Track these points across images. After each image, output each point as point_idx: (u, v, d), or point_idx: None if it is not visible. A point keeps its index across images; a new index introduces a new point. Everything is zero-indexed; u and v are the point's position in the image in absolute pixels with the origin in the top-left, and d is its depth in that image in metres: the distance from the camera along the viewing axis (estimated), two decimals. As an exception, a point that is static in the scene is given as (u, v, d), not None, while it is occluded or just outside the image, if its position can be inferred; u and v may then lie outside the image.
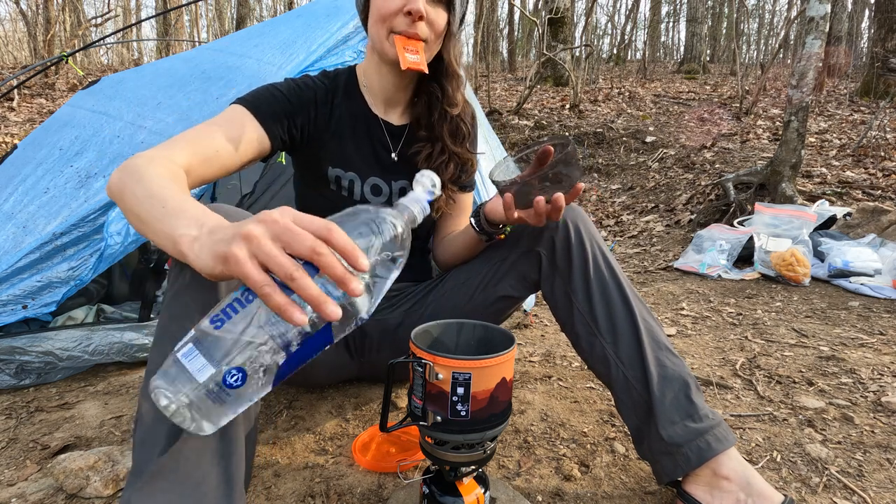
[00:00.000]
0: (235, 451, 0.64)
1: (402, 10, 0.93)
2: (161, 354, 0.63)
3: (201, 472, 0.61)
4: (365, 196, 1.07)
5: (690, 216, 3.55)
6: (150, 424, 0.61)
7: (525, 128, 5.65)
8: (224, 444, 0.63)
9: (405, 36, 0.94)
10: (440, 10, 0.97)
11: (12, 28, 14.01)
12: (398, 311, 1.11)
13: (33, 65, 5.49)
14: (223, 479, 0.62)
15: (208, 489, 0.60)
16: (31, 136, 1.85)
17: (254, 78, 1.60)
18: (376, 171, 1.08)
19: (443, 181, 1.08)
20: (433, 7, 0.96)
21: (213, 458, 0.62)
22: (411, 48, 0.94)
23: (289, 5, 11.00)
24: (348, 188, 1.06)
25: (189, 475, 0.60)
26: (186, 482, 0.60)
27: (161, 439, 0.60)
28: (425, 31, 0.95)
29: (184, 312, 0.65)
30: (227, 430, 0.64)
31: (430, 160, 1.07)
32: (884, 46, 5.70)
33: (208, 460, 0.62)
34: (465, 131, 1.09)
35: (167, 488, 0.59)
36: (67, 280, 1.36)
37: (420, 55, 0.94)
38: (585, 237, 0.92)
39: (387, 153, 1.09)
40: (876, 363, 1.41)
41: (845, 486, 0.93)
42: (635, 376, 0.87)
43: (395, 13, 0.93)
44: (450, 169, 1.09)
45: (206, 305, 0.57)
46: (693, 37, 11.53)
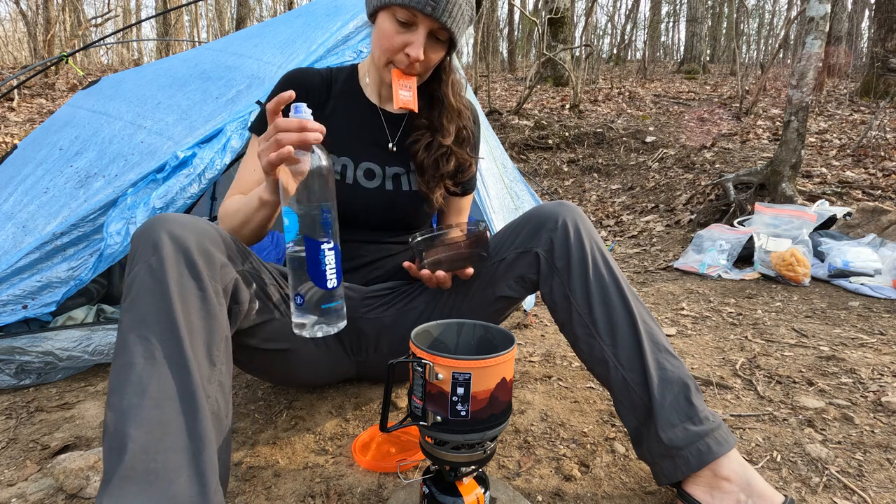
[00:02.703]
0: (206, 447, 0.64)
1: (402, 50, 0.97)
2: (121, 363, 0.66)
3: (171, 472, 0.61)
4: (358, 180, 1.08)
5: (690, 216, 3.55)
6: (114, 431, 0.62)
7: (525, 128, 5.65)
8: (192, 441, 0.64)
9: (401, 72, 0.99)
10: (440, 49, 1.01)
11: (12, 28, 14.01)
12: (393, 309, 1.11)
13: (33, 65, 5.49)
14: (195, 476, 0.62)
15: (180, 488, 0.61)
16: (31, 136, 1.85)
17: (254, 78, 1.60)
18: (371, 155, 1.09)
19: (442, 172, 1.10)
20: (433, 46, 0.99)
21: (183, 457, 0.62)
22: (405, 84, 0.99)
23: (289, 5, 11.00)
24: (340, 172, 1.07)
25: (158, 476, 0.60)
26: (157, 483, 0.60)
27: (126, 444, 0.60)
28: (419, 70, 1.01)
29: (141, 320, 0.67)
30: (194, 428, 0.64)
31: (429, 150, 1.09)
32: (884, 46, 5.70)
33: (178, 459, 0.62)
34: (465, 136, 1.13)
35: (137, 491, 0.59)
36: (67, 280, 1.36)
37: (412, 91, 0.99)
38: (584, 237, 0.92)
39: (384, 140, 1.11)
40: (876, 363, 1.41)
41: (845, 486, 0.93)
42: (634, 378, 0.87)
43: (396, 50, 0.97)
44: (450, 162, 1.10)
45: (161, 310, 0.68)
46: (693, 37, 11.53)
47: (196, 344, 0.69)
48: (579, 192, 4.68)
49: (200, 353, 0.69)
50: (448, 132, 1.09)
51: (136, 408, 0.62)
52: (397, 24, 0.96)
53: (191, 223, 0.75)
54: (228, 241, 0.81)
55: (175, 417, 0.64)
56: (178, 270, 0.70)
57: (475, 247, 0.95)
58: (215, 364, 0.72)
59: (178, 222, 0.74)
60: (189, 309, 0.69)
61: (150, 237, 0.71)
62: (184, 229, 0.73)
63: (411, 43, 0.96)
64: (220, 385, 0.72)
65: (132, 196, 1.36)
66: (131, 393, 0.63)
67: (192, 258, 0.72)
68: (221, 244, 0.79)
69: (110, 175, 1.44)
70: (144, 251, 0.71)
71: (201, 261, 0.73)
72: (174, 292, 0.68)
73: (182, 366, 0.66)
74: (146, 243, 0.71)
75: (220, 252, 0.77)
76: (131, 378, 0.64)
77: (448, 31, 0.97)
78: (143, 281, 0.69)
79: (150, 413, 0.62)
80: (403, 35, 0.96)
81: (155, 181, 1.38)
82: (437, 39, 0.99)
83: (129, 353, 0.65)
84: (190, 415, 0.65)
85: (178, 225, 0.73)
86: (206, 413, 0.66)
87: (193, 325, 0.69)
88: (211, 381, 0.70)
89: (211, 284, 0.73)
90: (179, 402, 0.65)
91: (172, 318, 0.67)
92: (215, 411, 0.69)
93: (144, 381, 0.64)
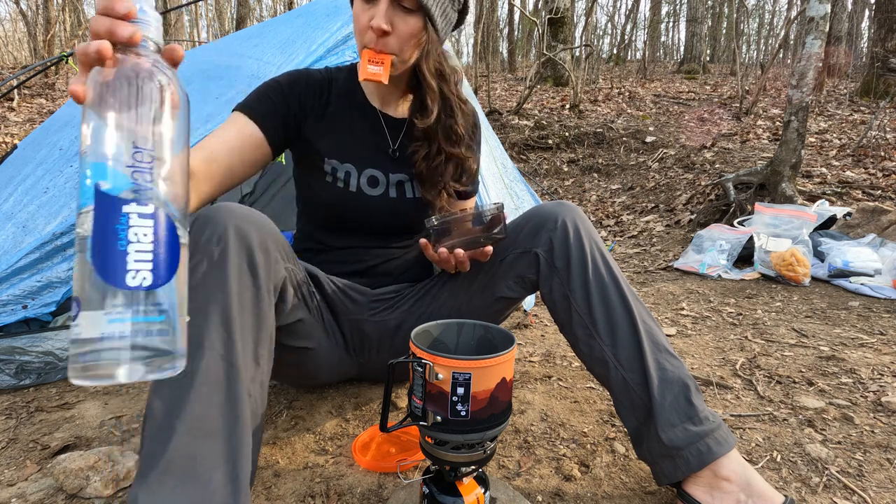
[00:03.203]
0: (242, 449, 0.64)
1: (370, 28, 0.92)
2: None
3: (209, 472, 0.61)
4: (361, 188, 1.06)
5: (690, 216, 3.55)
6: (161, 422, 0.62)
7: (525, 128, 5.65)
8: (231, 442, 0.64)
9: (374, 51, 0.93)
10: (411, 19, 0.93)
11: (12, 28, 14.01)
12: (397, 312, 1.11)
13: (33, 65, 5.49)
14: (230, 478, 0.62)
15: (215, 488, 0.61)
16: (31, 136, 1.85)
17: (254, 78, 1.60)
18: (374, 162, 1.07)
19: (444, 181, 1.08)
20: (402, 17, 0.92)
21: (222, 458, 0.62)
22: (376, 61, 0.93)
23: (289, 5, 11.00)
24: (344, 180, 1.05)
25: (197, 474, 0.60)
26: (195, 481, 0.60)
27: (171, 437, 0.60)
28: (393, 45, 0.93)
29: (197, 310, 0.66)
30: (234, 428, 0.64)
31: (427, 160, 1.07)
32: (884, 46, 5.70)
33: (217, 460, 0.62)
34: (458, 133, 1.07)
35: (175, 486, 0.59)
36: (67, 280, 1.36)
37: (383, 66, 0.93)
38: (584, 237, 0.92)
39: (386, 146, 1.09)
40: (876, 363, 1.41)
41: (845, 486, 0.93)
42: (634, 379, 0.86)
43: (365, 29, 0.93)
44: (448, 169, 1.08)
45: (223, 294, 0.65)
46: (693, 37, 11.52)
47: (245, 342, 0.69)
48: (579, 192, 4.68)
49: (248, 351, 0.69)
50: (429, 112, 1.02)
51: (183, 401, 0.62)
52: (363, 2, 0.93)
53: (254, 218, 0.75)
54: (281, 239, 0.81)
55: (217, 415, 0.64)
56: (238, 266, 0.70)
57: (492, 227, 0.92)
58: (259, 363, 0.72)
59: (243, 216, 0.74)
60: (244, 306, 0.69)
61: (216, 228, 0.71)
62: (248, 224, 0.73)
63: (374, 16, 0.91)
64: (261, 385, 0.72)
65: (132, 196, 1.36)
66: (180, 384, 0.63)
67: (253, 255, 0.72)
68: (276, 240, 0.78)
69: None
70: (208, 241, 0.70)
71: (261, 258, 0.73)
72: (233, 288, 0.68)
73: (231, 363, 0.66)
74: (211, 234, 0.71)
75: (275, 250, 0.77)
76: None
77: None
78: (204, 273, 0.68)
79: (194, 408, 0.62)
80: (368, 11, 0.92)
81: (155, 181, 1.38)
82: (405, 8, 0.92)
83: None
84: (231, 414, 0.65)
85: (242, 219, 0.73)
86: (248, 414, 0.66)
87: (246, 323, 0.69)
88: (254, 380, 0.70)
89: (265, 283, 0.73)
90: (224, 399, 0.65)
91: (228, 315, 0.67)
92: (254, 411, 0.69)
93: (194, 373, 0.64)
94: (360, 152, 1.07)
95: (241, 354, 0.68)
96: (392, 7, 0.91)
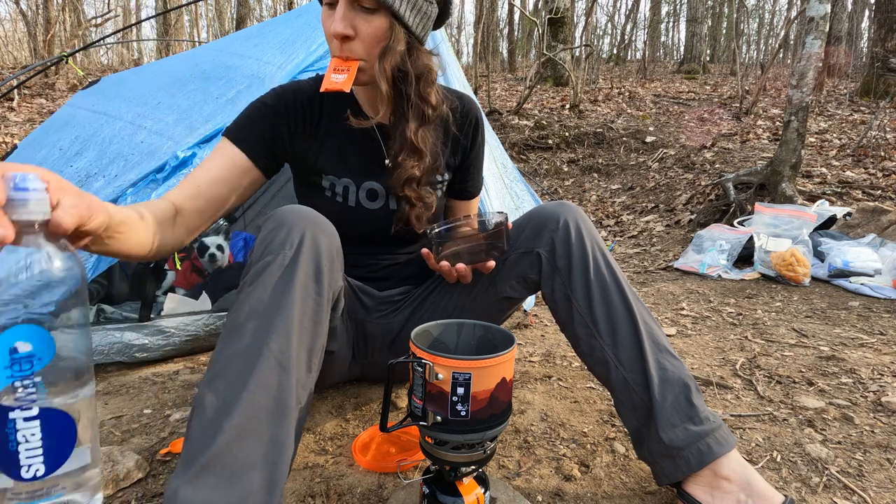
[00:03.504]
0: (283, 455, 0.65)
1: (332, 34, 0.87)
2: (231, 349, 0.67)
3: (249, 473, 0.61)
4: (361, 202, 1.04)
5: (690, 216, 3.55)
6: (212, 418, 0.62)
7: (525, 128, 5.65)
8: (273, 447, 0.64)
9: (340, 59, 0.88)
10: (374, 19, 0.86)
11: (12, 28, 14.01)
12: (402, 315, 1.11)
13: (33, 65, 5.49)
14: (267, 482, 0.63)
15: (253, 490, 0.61)
16: (31, 136, 1.85)
17: (254, 78, 1.60)
18: (372, 174, 1.04)
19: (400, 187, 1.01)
20: (364, 18, 0.86)
21: (262, 462, 0.63)
22: (341, 68, 0.88)
23: (289, 5, 11.00)
24: (343, 194, 1.03)
25: (238, 474, 0.61)
26: (235, 480, 0.60)
27: (218, 435, 0.61)
28: (359, 50, 0.88)
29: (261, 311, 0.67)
30: (278, 434, 0.65)
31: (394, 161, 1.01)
32: (884, 46, 5.70)
33: (258, 462, 0.62)
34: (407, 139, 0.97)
35: (216, 483, 0.59)
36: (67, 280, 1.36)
37: (347, 74, 0.87)
38: (586, 238, 0.92)
39: (382, 157, 1.05)
40: (876, 363, 1.41)
41: (845, 486, 0.93)
42: (635, 379, 0.86)
43: (330, 37, 0.89)
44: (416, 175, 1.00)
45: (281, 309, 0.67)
46: (693, 37, 11.53)
47: (301, 349, 0.69)
48: (579, 192, 4.68)
49: (303, 358, 0.70)
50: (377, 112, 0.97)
51: (236, 400, 0.63)
52: (325, 6, 0.89)
53: (326, 226, 0.76)
54: (340, 247, 0.81)
55: (266, 418, 0.64)
56: (306, 275, 0.70)
57: (494, 238, 0.92)
58: (311, 371, 0.72)
59: (317, 223, 0.74)
60: (305, 313, 0.70)
61: (290, 233, 0.71)
62: (321, 233, 0.74)
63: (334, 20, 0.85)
64: (309, 393, 0.73)
65: (132, 196, 1.36)
66: (234, 382, 0.64)
67: (322, 264, 0.72)
68: (340, 251, 0.79)
69: (110, 175, 1.44)
70: (281, 243, 0.71)
71: (327, 268, 0.73)
72: (298, 296, 0.69)
73: (286, 368, 0.67)
74: (284, 235, 0.71)
75: (338, 260, 0.78)
76: (238, 367, 0.65)
77: None
78: (272, 274, 0.69)
79: (244, 408, 0.63)
80: (331, 17, 0.87)
81: (155, 181, 1.38)
82: (365, 9, 0.86)
83: (242, 341, 0.66)
84: (279, 419, 0.65)
85: (316, 226, 0.74)
86: (293, 421, 0.67)
87: (304, 330, 0.70)
88: (305, 387, 0.71)
89: (327, 293, 0.73)
90: (274, 404, 0.65)
91: (290, 322, 0.68)
92: (299, 418, 0.70)
93: (248, 374, 0.64)
94: (357, 165, 1.03)
95: (296, 361, 0.68)
96: (351, 9, 0.85)
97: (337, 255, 0.78)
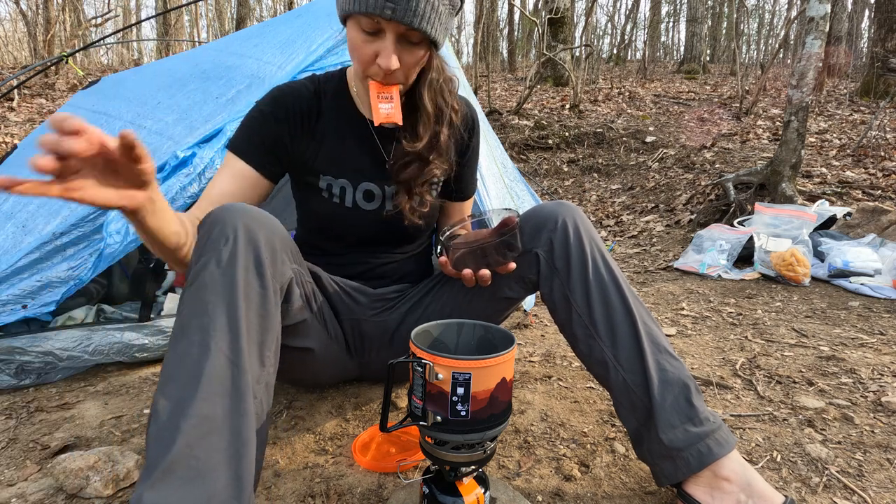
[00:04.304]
0: (247, 450, 0.64)
1: (375, 61, 0.89)
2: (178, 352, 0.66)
3: (214, 471, 0.61)
4: (357, 203, 1.04)
5: (690, 216, 3.55)
6: (166, 421, 0.62)
7: (525, 128, 5.65)
8: (236, 442, 0.64)
9: (380, 84, 0.92)
10: (418, 51, 0.91)
11: (12, 28, 14.00)
12: (398, 313, 1.11)
13: (33, 65, 5.49)
14: (234, 478, 0.62)
15: (220, 487, 0.61)
16: (31, 136, 1.85)
17: (254, 77, 1.60)
18: (369, 175, 1.05)
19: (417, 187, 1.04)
20: (409, 50, 0.90)
21: (226, 458, 0.62)
22: (385, 95, 0.91)
23: (289, 5, 10.99)
24: (339, 195, 1.04)
25: (202, 473, 0.60)
26: (199, 480, 0.60)
27: (176, 437, 0.60)
28: (399, 76, 0.92)
29: (204, 310, 0.67)
30: (239, 429, 0.64)
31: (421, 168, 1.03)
32: (884, 46, 5.70)
33: (221, 459, 0.62)
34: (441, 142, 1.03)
35: (178, 485, 0.59)
36: (67, 280, 1.36)
37: (394, 102, 0.92)
38: (584, 238, 0.92)
39: (380, 157, 1.06)
40: (876, 363, 1.41)
41: (845, 486, 0.93)
42: (635, 380, 0.86)
43: (370, 61, 0.90)
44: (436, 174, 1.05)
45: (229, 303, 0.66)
46: (693, 37, 11.52)
47: (251, 343, 0.69)
48: (579, 192, 4.68)
49: (254, 352, 0.70)
50: (420, 137, 1.00)
51: (189, 400, 0.62)
52: (364, 33, 0.88)
53: (263, 218, 0.75)
54: (288, 239, 0.81)
55: (223, 416, 0.64)
56: (245, 266, 0.70)
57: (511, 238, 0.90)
58: (265, 365, 0.72)
59: (252, 215, 0.74)
60: (250, 307, 0.70)
61: (224, 228, 0.71)
62: (257, 224, 0.73)
63: (381, 52, 0.88)
64: (267, 386, 0.72)
65: (132, 196, 1.36)
66: (186, 384, 0.63)
67: (261, 256, 0.72)
68: (283, 241, 0.78)
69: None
70: (216, 241, 0.70)
71: (268, 258, 0.73)
72: (240, 289, 0.68)
73: (237, 364, 0.66)
74: (219, 233, 0.71)
75: (283, 250, 0.77)
76: (188, 368, 0.64)
77: (419, 32, 0.87)
78: (211, 272, 0.69)
79: (200, 407, 0.62)
80: (372, 44, 0.88)
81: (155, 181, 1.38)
82: (411, 42, 0.89)
83: (188, 343, 0.66)
84: (237, 415, 0.65)
85: (252, 219, 0.73)
86: (253, 415, 0.66)
87: (251, 324, 0.69)
88: (260, 381, 0.70)
89: (272, 284, 0.73)
90: (230, 400, 0.65)
91: (235, 315, 0.67)
92: (258, 413, 0.69)
93: (200, 373, 0.64)
94: (354, 166, 1.04)
95: (247, 355, 0.68)
96: (398, 42, 0.88)
97: (281, 247, 0.77)
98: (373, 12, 0.83)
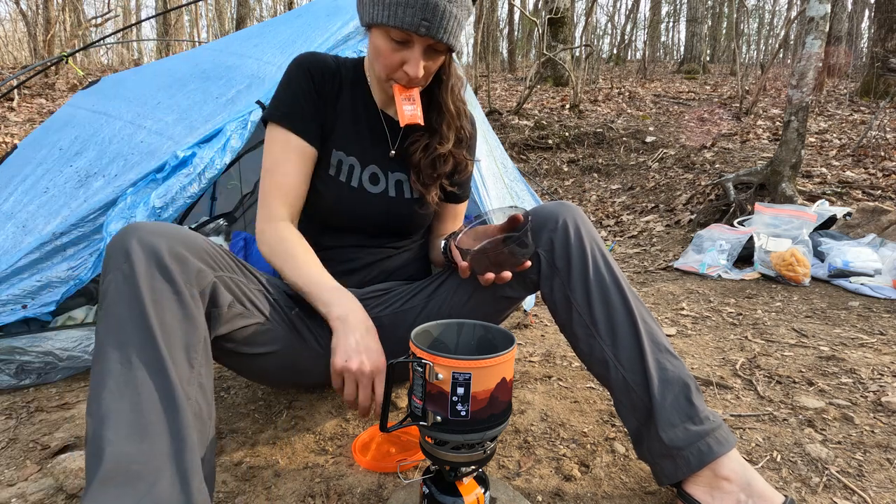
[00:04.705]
0: (187, 448, 0.64)
1: (401, 68, 0.95)
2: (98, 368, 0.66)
3: (152, 474, 0.61)
4: (363, 183, 1.07)
5: (690, 216, 3.55)
6: (93, 437, 0.62)
7: (525, 128, 5.65)
8: (174, 442, 0.64)
9: (401, 86, 0.98)
10: (440, 58, 0.99)
11: (12, 28, 14.00)
12: (389, 310, 1.10)
13: (33, 65, 5.49)
14: (177, 476, 0.62)
15: (161, 489, 0.61)
16: (31, 136, 1.85)
17: (254, 78, 1.60)
18: (376, 159, 1.09)
19: (439, 174, 1.10)
20: (433, 58, 0.97)
21: (165, 459, 0.63)
22: (408, 97, 0.98)
23: (289, 5, 10.99)
24: (348, 173, 1.07)
25: (140, 477, 0.60)
26: (138, 484, 0.60)
27: (104, 448, 0.61)
28: (422, 80, 0.99)
29: (116, 323, 0.68)
30: (175, 429, 0.65)
31: (426, 151, 1.08)
32: (884, 46, 5.70)
33: (159, 461, 0.62)
34: (462, 136, 1.12)
35: (118, 493, 0.59)
36: (67, 280, 1.36)
37: (416, 104, 0.99)
38: (585, 238, 0.92)
39: (386, 146, 1.10)
40: (876, 363, 1.41)
41: (845, 486, 0.93)
42: (635, 379, 0.86)
43: (395, 68, 0.96)
44: (448, 164, 1.10)
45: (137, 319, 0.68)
46: (693, 37, 11.52)
47: (173, 346, 0.69)
48: (579, 192, 4.68)
49: (179, 355, 0.70)
50: (447, 139, 1.08)
51: (115, 412, 0.63)
52: (392, 42, 0.93)
53: (162, 229, 0.75)
54: (205, 247, 0.81)
55: (155, 420, 0.64)
56: (149, 275, 0.70)
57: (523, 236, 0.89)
58: (193, 366, 0.72)
59: (148, 229, 0.74)
60: (164, 312, 0.70)
61: (122, 246, 0.72)
62: (154, 235, 0.74)
63: (408, 61, 0.94)
64: (201, 386, 0.72)
65: (132, 196, 1.36)
66: (109, 398, 0.64)
67: (164, 262, 0.72)
68: (196, 249, 0.78)
69: (110, 175, 1.44)
70: (116, 259, 0.71)
71: (174, 265, 0.73)
72: (146, 296, 0.69)
73: (159, 369, 0.66)
74: (118, 252, 0.72)
75: (194, 257, 0.77)
76: (109, 384, 0.64)
77: (446, 44, 0.94)
78: (116, 288, 0.69)
79: (128, 416, 0.63)
80: (400, 53, 0.94)
81: (155, 181, 1.38)
82: (435, 51, 0.96)
83: (106, 360, 0.66)
84: (170, 417, 0.65)
85: (147, 232, 0.74)
86: (188, 414, 0.66)
87: (170, 328, 0.69)
88: (191, 382, 0.70)
89: (186, 288, 0.73)
90: (159, 404, 0.65)
91: (147, 322, 0.68)
92: (197, 412, 0.69)
93: (122, 385, 0.64)
94: (365, 147, 1.08)
95: (169, 358, 0.68)
96: (425, 52, 0.95)
97: (192, 254, 0.77)
98: (409, 28, 0.89)
